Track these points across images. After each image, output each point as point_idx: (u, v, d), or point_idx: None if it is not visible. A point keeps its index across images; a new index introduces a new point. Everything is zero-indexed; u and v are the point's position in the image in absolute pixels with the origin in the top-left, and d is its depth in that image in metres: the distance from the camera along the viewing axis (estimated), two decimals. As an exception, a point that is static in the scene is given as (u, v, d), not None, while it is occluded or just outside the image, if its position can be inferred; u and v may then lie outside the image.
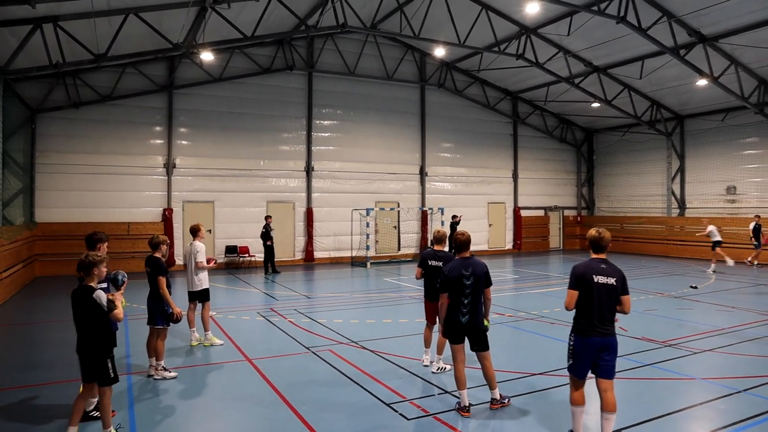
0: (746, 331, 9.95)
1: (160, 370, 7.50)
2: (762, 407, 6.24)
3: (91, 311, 5.31)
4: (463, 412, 6.09)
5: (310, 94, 22.58)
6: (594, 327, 5.15)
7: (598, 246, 5.38)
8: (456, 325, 6.18)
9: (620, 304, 5.25)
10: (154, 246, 7.77)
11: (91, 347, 5.36)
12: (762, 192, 22.17)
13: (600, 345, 5.16)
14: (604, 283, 5.17)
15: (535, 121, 28.21)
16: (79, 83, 18.46)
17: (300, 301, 13.68)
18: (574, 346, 5.27)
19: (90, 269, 5.43)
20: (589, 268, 5.23)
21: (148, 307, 7.70)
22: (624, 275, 5.33)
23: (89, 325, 5.36)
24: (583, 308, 5.20)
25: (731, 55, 18.72)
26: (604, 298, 5.16)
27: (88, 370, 5.39)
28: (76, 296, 5.41)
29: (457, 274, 6.14)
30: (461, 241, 6.41)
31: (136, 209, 19.74)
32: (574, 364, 5.29)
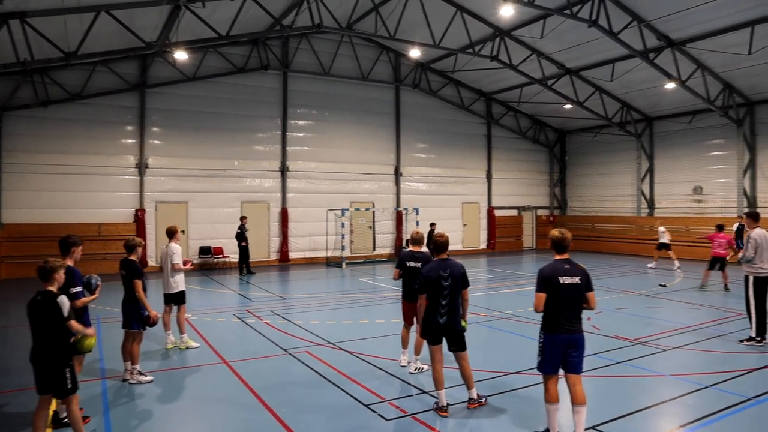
0: (711, 329, 10.26)
1: (135, 375, 7.41)
2: (727, 401, 6.46)
3: (52, 317, 5.06)
4: (441, 412, 6.16)
5: (285, 94, 22.48)
6: (562, 325, 5.31)
7: (561, 246, 5.52)
8: (434, 325, 6.24)
9: (586, 301, 5.43)
10: (129, 248, 7.56)
11: (50, 356, 5.08)
12: (727, 192, 22.82)
13: (568, 341, 5.33)
14: (569, 283, 5.33)
15: (508, 122, 28.54)
16: (47, 81, 18.05)
17: (276, 303, 13.63)
18: (544, 343, 5.41)
19: (51, 275, 5.20)
20: (554, 270, 5.38)
21: (122, 310, 7.56)
22: (587, 273, 5.51)
23: (49, 333, 5.07)
24: (551, 308, 5.35)
25: (698, 59, 19.24)
26: (570, 297, 5.33)
27: (44, 380, 5.09)
28: (35, 302, 5.12)
29: (436, 276, 6.21)
30: (440, 242, 6.49)
31: (108, 210, 19.40)
32: (542, 361, 5.43)
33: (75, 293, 5.93)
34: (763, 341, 8.99)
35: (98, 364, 8.20)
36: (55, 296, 5.12)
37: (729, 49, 17.90)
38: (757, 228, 9.05)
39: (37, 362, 5.09)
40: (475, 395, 6.39)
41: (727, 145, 22.78)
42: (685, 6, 16.17)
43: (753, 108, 21.88)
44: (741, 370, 7.69)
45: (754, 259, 8.90)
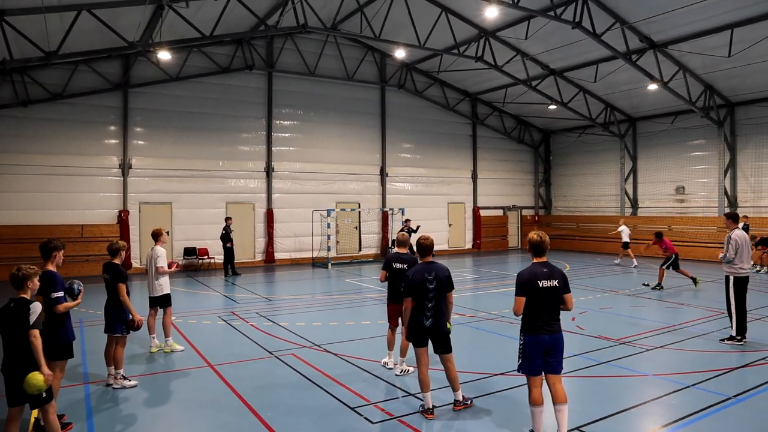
0: (693, 328, 10.40)
1: (119, 379, 7.33)
2: (709, 401, 6.55)
3: (25, 325, 4.86)
4: (427, 414, 6.18)
5: (270, 94, 22.38)
6: (542, 326, 5.40)
7: (540, 249, 5.53)
8: (420, 328, 6.26)
9: (563, 302, 5.53)
10: (113, 252, 7.48)
11: (23, 365, 4.85)
12: (708, 192, 23.14)
13: (548, 342, 5.41)
14: (548, 287, 5.40)
15: (493, 122, 28.68)
16: (27, 80, 17.79)
17: (261, 304, 13.57)
18: (524, 344, 5.49)
19: (23, 283, 5.04)
20: (533, 274, 5.43)
21: (105, 314, 7.47)
22: (564, 275, 5.59)
23: (22, 341, 4.86)
24: (531, 311, 5.42)
25: (680, 61, 19.49)
26: (549, 300, 5.41)
27: (17, 391, 4.87)
28: (8, 310, 4.94)
29: (421, 279, 6.24)
30: (425, 245, 6.52)
31: (91, 211, 19.17)
32: (524, 363, 5.50)
33: (56, 298, 5.86)
34: (743, 340, 9.13)
35: (81, 368, 8.11)
36: (28, 303, 4.96)
37: (710, 51, 18.16)
38: (737, 229, 9.19)
39: (9, 372, 4.90)
40: (460, 397, 6.41)
41: (709, 145, 23.11)
42: (666, 8, 16.38)
43: (733, 109, 22.22)
44: (722, 369, 7.80)
45: (734, 260, 9.04)
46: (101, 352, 7.67)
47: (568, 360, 8.33)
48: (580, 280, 17.32)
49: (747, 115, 21.85)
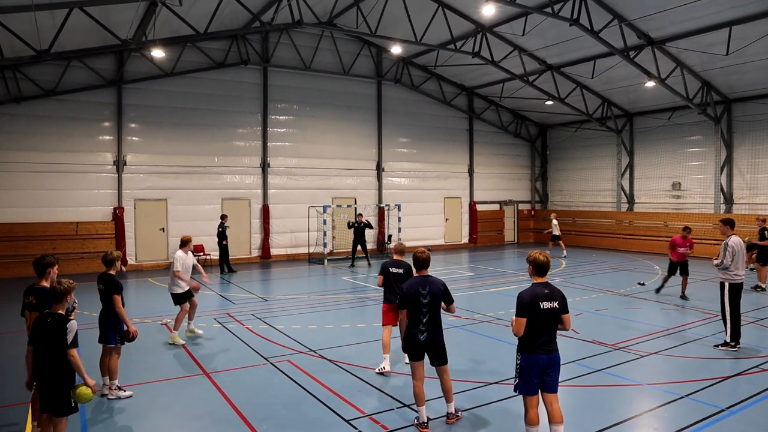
0: (688, 332, 10.43)
1: (114, 389, 7.33)
2: (702, 413, 6.57)
3: (61, 341, 5.05)
4: (421, 428, 6.18)
5: (265, 89, 22.23)
6: (540, 346, 5.42)
7: (544, 270, 5.59)
8: (415, 342, 6.30)
9: (561, 323, 5.57)
10: (108, 263, 7.48)
11: (56, 377, 5.09)
12: (704, 188, 23.17)
13: (546, 362, 5.44)
14: (549, 308, 5.44)
15: (490, 117, 28.59)
16: (20, 77, 17.61)
17: (257, 305, 13.55)
18: (522, 364, 5.48)
19: (63, 297, 5.22)
20: (534, 295, 5.45)
21: (100, 324, 7.46)
22: (564, 296, 5.64)
23: (57, 355, 5.06)
24: (531, 331, 5.42)
25: (677, 57, 19.41)
26: (549, 321, 5.45)
27: (47, 399, 5.13)
28: (45, 324, 5.12)
29: (415, 293, 6.26)
30: (421, 259, 6.54)
31: (85, 208, 19.08)
32: (520, 383, 5.50)
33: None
34: (737, 346, 9.16)
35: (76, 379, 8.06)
36: (65, 321, 5.12)
37: (707, 49, 18.09)
38: (733, 236, 9.18)
39: (41, 382, 5.13)
40: (453, 409, 6.42)
41: (705, 141, 23.09)
42: (665, 6, 16.29)
43: (730, 106, 22.18)
44: (715, 378, 7.83)
45: (730, 266, 9.05)
46: (94, 361, 7.65)
47: (564, 367, 8.35)
48: (576, 278, 17.34)
49: (744, 112, 21.82)
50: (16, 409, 6.88)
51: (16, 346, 9.92)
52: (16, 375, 8.10)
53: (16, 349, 9.76)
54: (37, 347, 5.17)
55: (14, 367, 8.53)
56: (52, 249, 17.91)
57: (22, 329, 10.94)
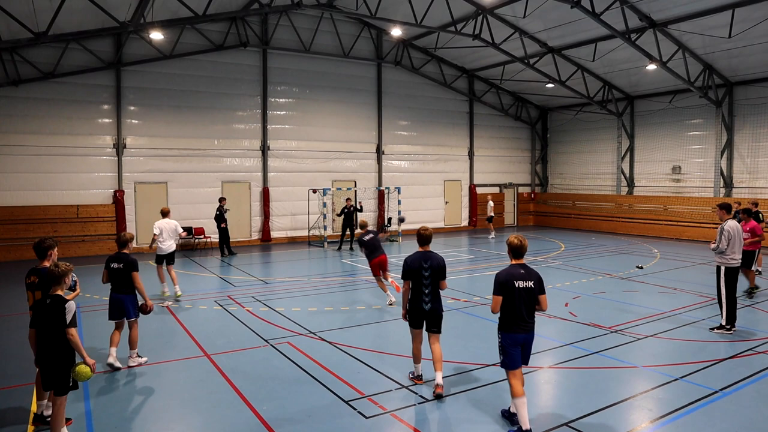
0: (685, 315, 10.52)
1: (135, 357, 7.94)
2: (696, 395, 6.68)
3: (61, 322, 5.27)
4: (416, 381, 7.05)
5: (264, 71, 22.12)
6: (518, 324, 5.79)
7: (519, 252, 5.92)
8: (420, 311, 6.86)
9: (538, 303, 5.86)
10: (122, 244, 8.11)
11: (56, 356, 5.31)
12: (705, 172, 23.16)
13: (524, 339, 5.85)
14: (524, 287, 5.75)
15: (490, 99, 28.48)
16: (18, 59, 17.52)
17: (257, 287, 13.65)
18: (503, 342, 5.88)
19: (61, 279, 5.44)
20: (510, 275, 5.78)
21: (116, 302, 7.88)
22: (540, 277, 5.92)
23: (57, 335, 5.29)
24: (508, 309, 5.79)
25: (679, 40, 19.29)
26: (525, 300, 5.76)
27: (48, 378, 5.35)
28: (45, 306, 5.34)
29: (418, 265, 6.82)
30: (424, 235, 7.05)
31: (86, 191, 19.10)
32: (505, 359, 5.88)
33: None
34: (732, 329, 9.26)
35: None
36: (64, 302, 5.34)
37: (710, 31, 17.97)
38: (730, 220, 9.23)
39: (43, 361, 5.35)
40: (440, 379, 6.75)
41: (706, 125, 23.03)
42: (667, -12, 16.15)
43: (732, 89, 22.08)
44: (710, 360, 7.93)
45: (726, 250, 9.11)
46: (96, 339, 7.78)
47: (561, 349, 8.52)
48: (575, 261, 17.44)
49: (746, 95, 21.73)
50: (21, 390, 6.98)
51: (19, 329, 10.04)
52: (19, 357, 8.23)
53: (19, 331, 9.89)
54: (38, 328, 5.37)
55: (17, 349, 8.65)
56: (53, 232, 18.01)
57: (25, 312, 11.07)
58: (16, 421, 6.16)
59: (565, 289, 13.10)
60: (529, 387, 6.88)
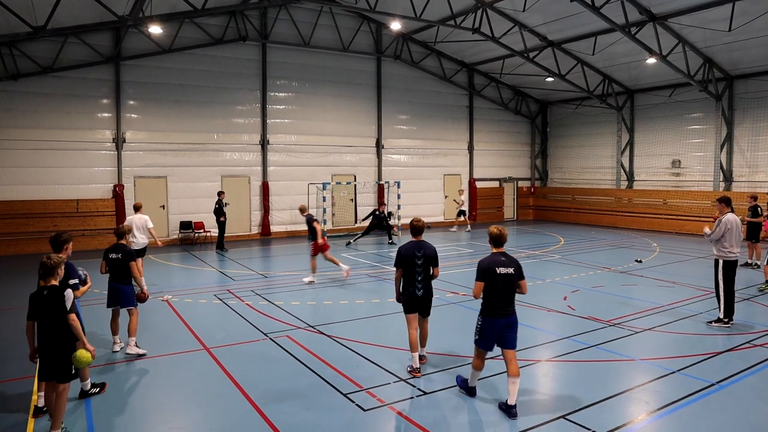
0: (683, 309, 10.55)
1: (133, 346, 8.13)
2: (693, 387, 6.71)
3: (59, 311, 5.43)
4: (414, 373, 7.17)
5: (264, 65, 22.09)
6: (498, 309, 6.11)
7: (499, 241, 6.34)
8: (413, 297, 7.27)
9: (519, 287, 6.22)
10: (120, 235, 8.44)
11: (57, 345, 5.46)
12: (704, 166, 23.15)
13: (504, 324, 6.15)
14: (504, 273, 6.11)
15: (490, 93, 28.43)
16: (16, 53, 17.48)
17: (257, 281, 13.68)
18: (482, 326, 6.23)
19: (54, 271, 5.58)
20: (492, 262, 6.16)
21: (114, 291, 8.17)
22: (519, 264, 6.29)
23: (57, 324, 5.45)
24: (489, 295, 6.13)
25: (679, 34, 19.23)
26: (506, 285, 6.12)
27: (49, 367, 5.46)
28: (42, 297, 5.46)
29: (411, 254, 7.23)
30: (417, 226, 7.46)
31: (85, 186, 19.12)
32: (480, 339, 6.27)
33: (74, 284, 6.34)
34: (730, 323, 9.29)
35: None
36: (61, 290, 5.51)
37: (710, 25, 17.92)
38: (729, 213, 9.25)
39: (45, 352, 5.47)
40: (424, 352, 7.52)
41: (706, 119, 23.00)
42: (667, -19, 16.10)
43: (732, 83, 22.04)
44: (707, 353, 7.96)
45: (721, 242, 9.14)
46: (99, 328, 7.82)
47: (559, 343, 8.56)
48: (574, 255, 17.46)
49: (746, 89, 21.69)
50: (22, 383, 7.02)
51: (19, 323, 10.08)
52: (19, 350, 8.26)
53: (19, 325, 9.92)
54: (38, 320, 5.48)
55: (16, 343, 8.68)
56: (53, 226, 18.04)
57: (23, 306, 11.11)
58: (18, 410, 6.20)
59: (564, 282, 13.13)
60: (527, 380, 6.97)
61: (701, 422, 5.86)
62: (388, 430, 5.87)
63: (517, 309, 6.30)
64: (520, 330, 6.28)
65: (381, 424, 5.96)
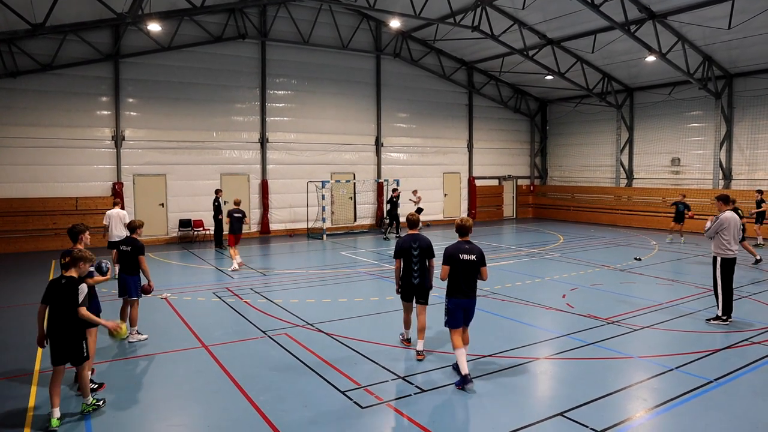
0: (682, 306, 10.56)
1: (134, 334, 8.58)
2: (691, 384, 6.71)
3: (73, 301, 5.76)
4: (406, 342, 8.24)
5: (263, 63, 22.07)
6: (462, 291, 6.90)
7: (463, 231, 7.09)
8: (409, 285, 7.86)
9: (480, 273, 6.98)
10: (132, 229, 8.84)
11: (69, 331, 5.78)
12: (703, 164, 23.15)
13: (466, 304, 6.97)
14: (467, 260, 6.88)
15: (490, 91, 28.42)
16: (15, 51, 17.47)
17: (256, 279, 13.68)
18: (448, 305, 7.00)
19: (76, 263, 5.92)
20: (456, 249, 6.96)
21: (122, 280, 8.56)
22: (482, 252, 7.02)
23: (68, 313, 5.75)
24: (454, 278, 6.93)
25: (679, 32, 19.23)
26: (468, 270, 6.89)
27: (62, 352, 5.78)
28: (59, 285, 5.80)
29: (408, 246, 7.81)
30: (412, 220, 8.08)
31: (85, 183, 19.10)
32: (449, 320, 6.97)
33: (88, 272, 6.51)
34: (729, 320, 9.29)
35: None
36: (77, 283, 5.87)
37: (709, 23, 17.91)
38: (728, 211, 9.25)
39: (55, 337, 5.78)
40: (421, 347, 7.75)
41: (705, 117, 23.00)
42: (666, -21, 16.08)
43: (731, 81, 22.04)
44: (705, 351, 7.96)
45: (720, 240, 9.15)
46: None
47: (558, 340, 8.57)
48: (573, 253, 17.46)
49: (745, 87, 21.69)
50: (20, 380, 7.02)
51: (19, 320, 10.10)
52: (19, 347, 8.28)
53: (19, 321, 9.94)
54: (51, 306, 5.80)
55: (16, 340, 8.70)
56: (52, 224, 18.06)
57: (23, 304, 11.12)
58: (14, 407, 6.20)
59: (563, 280, 13.14)
60: (525, 378, 7.01)
61: (699, 419, 5.87)
62: (386, 427, 5.87)
63: (515, 307, 6.41)
64: (518, 327, 7.01)
65: (379, 421, 5.96)
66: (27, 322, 9.71)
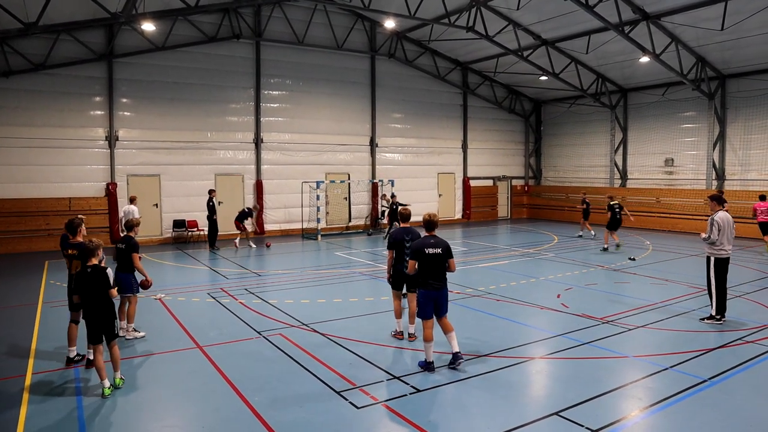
0: (675, 306, 10.60)
1: (131, 331, 8.77)
2: (685, 384, 6.73)
3: (104, 285, 6.59)
4: (398, 336, 8.61)
5: (258, 63, 22.02)
6: (430, 283, 7.18)
7: (430, 226, 7.44)
8: (401, 273, 8.33)
9: (448, 266, 7.27)
10: (128, 227, 9.13)
11: (104, 313, 6.63)
12: (697, 164, 23.26)
13: (436, 295, 7.24)
14: (433, 253, 7.18)
15: (484, 92, 28.46)
16: (7, 50, 17.36)
17: (250, 280, 13.64)
18: (420, 299, 7.29)
19: (94, 252, 6.72)
20: (422, 243, 7.26)
21: (117, 278, 8.37)
22: (448, 245, 7.34)
23: (103, 297, 6.60)
24: (422, 271, 7.22)
25: (672, 32, 19.31)
26: (435, 263, 7.19)
27: (97, 331, 6.62)
28: (87, 275, 6.60)
29: (401, 238, 8.32)
30: (404, 214, 8.56)
31: (78, 184, 19.01)
32: (420, 311, 7.29)
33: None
34: (722, 319, 9.33)
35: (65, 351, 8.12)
36: (104, 269, 6.69)
37: (703, 24, 18.00)
38: (721, 211, 9.29)
39: (91, 318, 6.62)
40: (412, 330, 8.52)
41: (699, 117, 23.11)
42: (660, -20, 16.14)
43: (724, 81, 22.15)
44: (699, 350, 7.99)
45: (717, 241, 9.17)
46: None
47: (552, 340, 8.58)
48: (567, 253, 17.50)
49: (738, 88, 21.80)
50: (11, 382, 6.97)
51: (12, 320, 10.03)
52: (9, 350, 8.23)
53: (12, 322, 9.87)
54: (83, 294, 6.63)
55: (6, 343, 8.64)
56: (45, 225, 17.96)
57: (18, 305, 11.06)
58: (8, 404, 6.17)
59: (558, 280, 13.17)
60: (520, 377, 7.02)
61: (694, 418, 5.88)
62: (381, 427, 5.86)
63: (510, 307, 6.43)
64: (513, 327, 7.09)
65: (374, 421, 5.95)
66: (20, 325, 9.66)
